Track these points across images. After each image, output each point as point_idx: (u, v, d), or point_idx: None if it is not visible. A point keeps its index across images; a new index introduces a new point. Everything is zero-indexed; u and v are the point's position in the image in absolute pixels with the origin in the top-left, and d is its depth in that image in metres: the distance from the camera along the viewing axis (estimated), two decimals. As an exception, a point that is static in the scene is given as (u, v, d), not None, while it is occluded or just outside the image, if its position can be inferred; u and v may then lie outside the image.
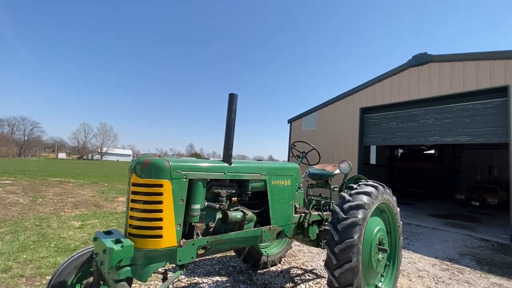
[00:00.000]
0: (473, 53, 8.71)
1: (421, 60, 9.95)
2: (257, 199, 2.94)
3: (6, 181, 12.85)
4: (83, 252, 2.38)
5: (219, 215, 2.55)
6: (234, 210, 2.61)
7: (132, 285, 2.59)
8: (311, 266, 4.58)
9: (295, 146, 4.36)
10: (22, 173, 18.20)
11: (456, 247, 6.45)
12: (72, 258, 2.32)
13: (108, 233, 2.18)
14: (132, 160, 2.43)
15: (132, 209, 2.13)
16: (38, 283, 3.30)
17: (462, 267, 5.04)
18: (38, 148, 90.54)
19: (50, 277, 2.26)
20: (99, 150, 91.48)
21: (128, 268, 1.97)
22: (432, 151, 22.35)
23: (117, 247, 1.87)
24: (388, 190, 3.36)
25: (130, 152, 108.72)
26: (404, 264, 4.92)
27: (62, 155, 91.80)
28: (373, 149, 17.42)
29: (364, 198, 2.87)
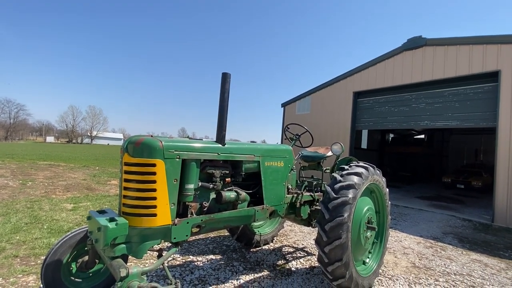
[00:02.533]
0: (467, 37, 8.70)
1: (415, 43, 9.89)
2: (250, 180, 2.98)
3: (-6, 165, 12.56)
4: (77, 232, 2.40)
5: (213, 195, 2.58)
6: (228, 190, 2.64)
7: (128, 263, 2.65)
8: (302, 244, 4.74)
9: (288, 128, 4.38)
10: (10, 156, 17.79)
11: (440, 226, 6.76)
12: (66, 238, 2.34)
13: (102, 212, 2.19)
14: (123, 141, 2.40)
15: (125, 188, 2.13)
16: (33, 263, 3.33)
17: (444, 244, 5.31)
18: (25, 131, 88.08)
19: (45, 256, 2.27)
20: (89, 134, 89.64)
21: (124, 245, 2.00)
22: (422, 136, 22.84)
23: (111, 225, 1.88)
24: (378, 171, 3.44)
25: (121, 136, 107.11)
26: (391, 242, 5.14)
27: (50, 139, 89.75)
28: (364, 134, 17.65)
29: (355, 179, 2.93)
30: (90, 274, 2.49)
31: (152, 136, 2.23)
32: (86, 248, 2.37)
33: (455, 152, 21.70)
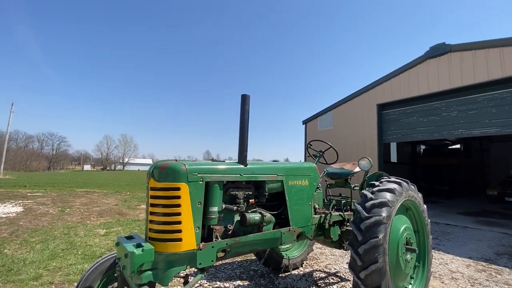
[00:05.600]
0: (496, 39, 8.23)
1: (439, 50, 9.53)
2: (275, 201, 2.89)
3: (37, 193, 13.58)
4: (107, 258, 2.43)
5: (237, 217, 2.52)
6: (252, 211, 2.58)
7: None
8: (335, 268, 4.43)
9: (311, 145, 4.28)
10: (51, 185, 19.20)
11: (491, 246, 6.01)
12: (97, 264, 2.38)
13: (129, 238, 2.21)
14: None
15: (151, 213, 2.15)
16: (67, 290, 3.42)
17: (499, 267, 4.68)
18: (65, 161, 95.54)
19: (77, 283, 2.32)
20: (121, 161, 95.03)
21: (150, 272, 1.98)
22: (458, 146, 21.22)
23: (138, 251, 1.88)
24: (412, 187, 3.19)
25: (150, 161, 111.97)
26: (435, 265, 4.64)
27: (87, 167, 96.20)
28: (393, 146, 16.82)
29: (387, 195, 2.73)
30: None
31: (176, 160, 2.27)
32: (115, 275, 2.38)
33: (498, 162, 19.78)
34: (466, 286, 3.86)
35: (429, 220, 3.39)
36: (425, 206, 3.35)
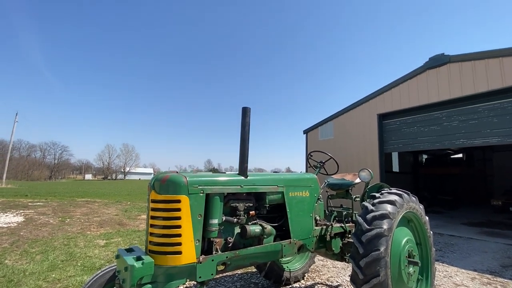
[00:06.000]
0: (495, 50, 8.33)
1: (438, 61, 9.64)
2: (275, 212, 2.89)
3: (38, 203, 13.57)
4: (106, 270, 2.42)
5: (237, 230, 2.52)
6: (253, 224, 2.57)
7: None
8: (337, 281, 4.36)
9: (311, 156, 4.29)
10: (53, 195, 19.19)
11: (497, 258, 5.90)
12: (97, 277, 2.37)
13: (129, 250, 2.21)
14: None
15: (152, 225, 2.16)
16: (65, 302, 3.38)
17: (505, 280, 4.58)
18: (67, 170, 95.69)
19: (76, 296, 2.30)
20: (122, 170, 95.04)
21: (150, 285, 1.97)
22: (460, 155, 21.13)
23: (138, 264, 1.88)
24: (413, 198, 3.18)
25: (151, 170, 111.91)
26: (439, 278, 4.55)
27: (88, 176, 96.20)
28: (395, 156, 16.77)
29: (388, 207, 2.73)
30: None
31: (177, 172, 2.29)
32: (114, 287, 2.37)
33: (501, 171, 19.62)
34: (471, 300, 3.77)
35: (431, 232, 3.36)
36: (427, 217, 3.33)
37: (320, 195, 3.38)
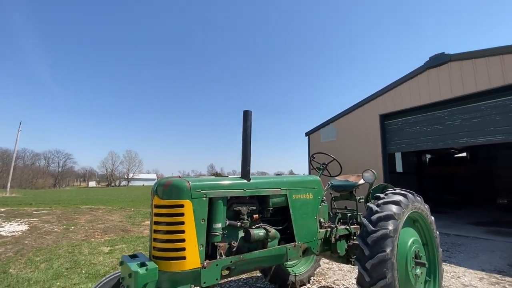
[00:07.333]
0: (496, 48, 8.31)
1: (438, 60, 9.62)
2: (279, 215, 2.87)
3: (42, 211, 13.62)
4: (111, 277, 2.41)
5: (241, 234, 2.50)
6: (256, 227, 2.56)
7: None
8: (343, 284, 4.30)
9: (314, 158, 4.28)
10: (57, 202, 19.26)
11: (504, 257, 5.81)
12: (101, 284, 2.36)
13: (133, 256, 2.20)
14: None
15: (155, 231, 2.15)
16: (70, 311, 3.37)
17: (515, 280, 4.50)
18: (71, 178, 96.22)
19: (81, 303, 2.29)
20: (126, 176, 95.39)
21: (154, 292, 1.95)
22: (464, 154, 20.96)
23: (142, 271, 1.87)
24: (418, 198, 3.15)
25: (154, 176, 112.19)
26: (447, 279, 4.48)
27: (92, 184, 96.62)
28: (398, 156, 16.66)
29: (393, 208, 2.70)
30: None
31: (180, 177, 2.29)
32: (119, 295, 2.35)
33: (506, 169, 19.41)
34: (481, 301, 3.71)
35: (437, 232, 3.32)
36: (432, 217, 3.29)
37: (324, 197, 3.36)
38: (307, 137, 15.57)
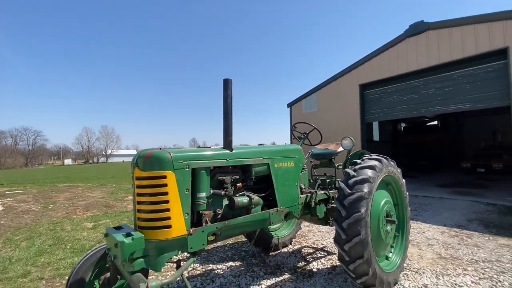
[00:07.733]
0: (470, 16, 8.46)
1: (418, 29, 9.69)
2: (262, 183, 2.96)
3: (16, 191, 13.06)
4: (97, 249, 2.44)
5: (225, 202, 2.57)
6: (240, 195, 2.63)
7: (149, 276, 2.67)
8: (322, 244, 4.66)
9: (295, 128, 4.34)
10: (31, 182, 18.47)
11: (464, 213, 6.50)
12: (87, 256, 2.38)
13: (118, 228, 2.22)
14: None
15: (139, 202, 2.15)
16: (58, 284, 3.41)
17: (470, 232, 5.10)
18: (44, 156, 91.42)
19: (68, 276, 2.32)
20: (104, 153, 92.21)
21: (142, 259, 2.01)
22: (435, 122, 22.17)
23: (128, 240, 1.90)
24: (392, 163, 3.35)
25: (134, 152, 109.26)
26: (413, 234, 4.98)
27: (68, 161, 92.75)
28: (375, 126, 17.32)
29: (369, 172, 2.87)
30: (114, 290, 2.52)
31: (161, 148, 2.25)
32: (107, 265, 2.40)
33: (472, 136, 20.94)
34: (440, 251, 4.19)
35: (407, 193, 3.60)
36: (404, 180, 3.54)
37: (305, 165, 3.48)
38: (289, 108, 15.62)
